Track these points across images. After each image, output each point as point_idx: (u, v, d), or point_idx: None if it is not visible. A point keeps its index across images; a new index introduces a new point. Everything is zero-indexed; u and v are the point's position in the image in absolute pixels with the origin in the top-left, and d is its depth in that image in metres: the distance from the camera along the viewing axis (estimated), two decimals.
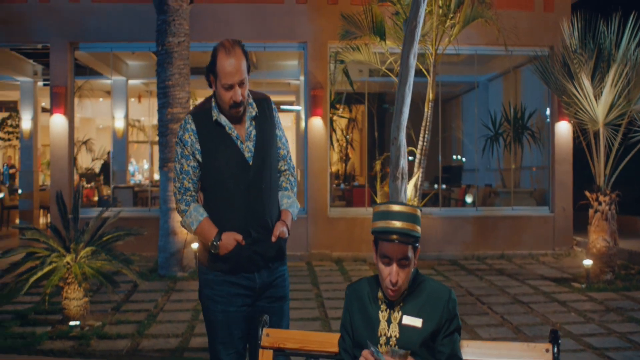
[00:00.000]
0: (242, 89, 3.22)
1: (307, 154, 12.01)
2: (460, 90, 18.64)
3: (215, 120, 3.27)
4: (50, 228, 7.41)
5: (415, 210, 2.58)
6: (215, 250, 3.20)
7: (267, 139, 3.37)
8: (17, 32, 12.02)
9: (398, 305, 2.61)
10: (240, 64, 3.21)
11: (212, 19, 11.77)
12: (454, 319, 2.58)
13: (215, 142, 3.27)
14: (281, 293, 3.41)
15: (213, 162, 3.26)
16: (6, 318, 7.37)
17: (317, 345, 2.72)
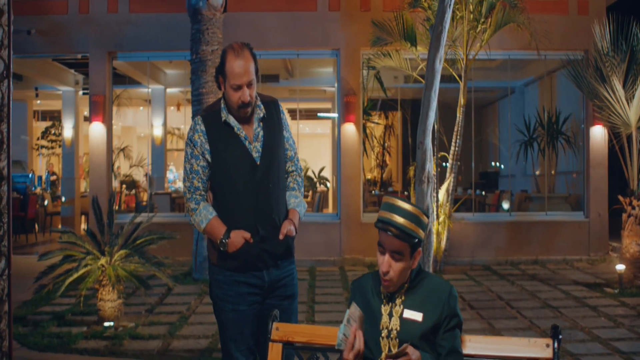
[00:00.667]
0: (250, 90, 3.33)
1: (340, 160, 12.10)
2: (497, 96, 18.54)
3: (224, 121, 3.38)
4: (87, 232, 7.65)
5: (420, 213, 2.63)
6: (224, 248, 3.30)
7: (275, 140, 3.47)
8: (58, 42, 12.39)
9: (400, 299, 2.68)
10: (248, 65, 3.31)
11: (246, 27, 11.95)
12: (454, 314, 2.64)
13: (224, 142, 3.38)
14: (290, 292, 3.50)
15: (222, 162, 3.37)
16: (44, 319, 7.62)
17: (325, 339, 2.80)
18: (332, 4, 12.05)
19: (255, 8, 12.05)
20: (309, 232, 11.93)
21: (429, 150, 6.58)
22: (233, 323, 3.35)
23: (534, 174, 14.95)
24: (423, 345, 2.58)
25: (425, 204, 6.54)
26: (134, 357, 6.22)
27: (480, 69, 14.84)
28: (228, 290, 3.37)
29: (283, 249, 3.42)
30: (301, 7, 12.07)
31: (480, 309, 8.04)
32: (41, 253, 7.23)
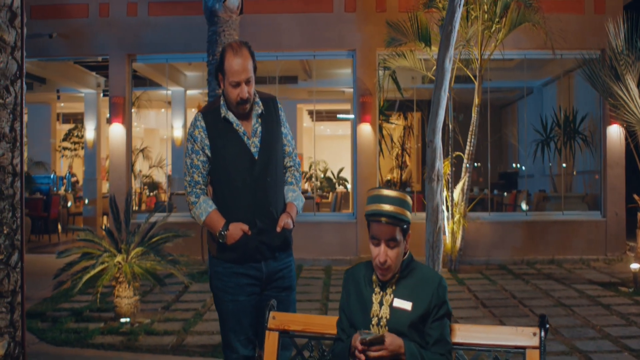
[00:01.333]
0: (249, 86, 3.44)
1: (356, 160, 12.18)
2: (516, 96, 18.50)
3: (224, 117, 3.50)
4: (104, 230, 7.82)
5: (405, 196, 2.73)
6: (223, 240, 3.40)
7: (273, 136, 3.59)
8: (79, 45, 12.62)
9: (390, 288, 2.76)
10: (246, 63, 3.42)
11: (263, 29, 12.08)
12: (443, 304, 2.71)
13: (223, 138, 3.49)
14: (288, 283, 3.60)
15: (221, 157, 3.48)
16: (63, 315, 7.79)
17: (320, 327, 2.89)
18: (348, 5, 12.14)
19: (272, 10, 12.18)
20: (326, 231, 12.04)
21: (438, 148, 6.63)
22: (232, 314, 3.45)
23: (551, 173, 14.90)
24: (412, 333, 2.65)
25: (435, 202, 6.60)
26: (149, 352, 6.35)
27: (499, 69, 14.84)
28: (227, 281, 3.47)
29: (280, 241, 3.52)
30: (317, 9, 12.17)
31: (493, 307, 8.07)
32: (59, 251, 7.40)
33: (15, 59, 3.75)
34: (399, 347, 2.59)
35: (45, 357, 6.19)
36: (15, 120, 3.74)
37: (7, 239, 3.65)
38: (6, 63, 3.67)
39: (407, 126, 20.81)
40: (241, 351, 3.44)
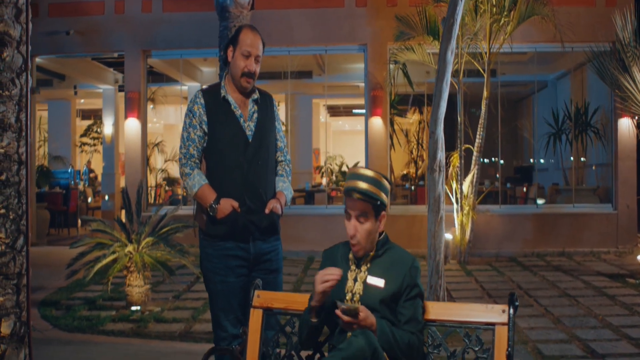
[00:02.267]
0: (256, 64, 3.68)
1: (367, 153, 12.30)
2: (530, 90, 18.46)
3: (223, 97, 3.69)
4: (116, 221, 8.02)
5: (380, 177, 2.87)
6: (213, 213, 3.55)
7: (267, 124, 3.77)
8: (95, 42, 12.87)
9: (365, 266, 2.89)
10: (259, 43, 3.71)
11: (274, 25, 12.23)
12: (414, 285, 2.82)
13: (220, 117, 3.67)
14: (275, 266, 3.76)
15: (217, 135, 3.65)
16: (77, 303, 8.02)
17: (300, 305, 3.02)
18: (358, 0, 12.25)
19: (284, 6, 12.32)
20: (337, 223, 12.10)
21: (440, 139, 6.74)
22: (222, 294, 3.60)
23: (563, 166, 14.89)
24: (383, 309, 2.78)
25: (436, 192, 6.71)
26: (157, 338, 6.54)
27: (513, 63, 14.87)
28: (217, 263, 3.62)
29: (268, 223, 3.66)
30: (328, 4, 12.30)
31: (497, 297, 8.17)
32: (73, 241, 7.62)
33: (21, 53, 3.91)
34: (371, 324, 2.71)
35: (57, 342, 6.40)
36: (21, 111, 3.91)
37: (13, 223, 3.82)
38: (12, 57, 3.83)
39: (422, 120, 20.88)
40: (230, 330, 3.60)
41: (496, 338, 2.73)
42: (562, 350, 5.91)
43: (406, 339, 2.74)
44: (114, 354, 5.96)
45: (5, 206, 3.79)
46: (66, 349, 6.18)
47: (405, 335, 2.75)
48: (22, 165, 3.93)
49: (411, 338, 2.75)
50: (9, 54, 3.83)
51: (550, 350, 5.90)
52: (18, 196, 3.89)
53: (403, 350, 2.73)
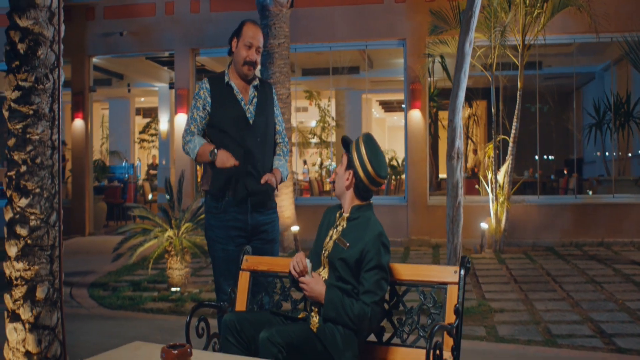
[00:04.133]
0: (257, 54, 4.13)
1: (407, 145, 12.58)
2: (579, 82, 18.31)
3: (227, 83, 4.14)
4: (159, 208, 8.59)
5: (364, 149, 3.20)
6: (213, 158, 3.96)
7: (266, 109, 4.22)
8: (147, 42, 13.55)
9: (341, 226, 3.23)
10: (260, 36, 4.17)
11: (315, 22, 12.64)
12: (374, 256, 3.07)
13: (223, 100, 4.12)
14: (271, 236, 4.19)
15: (220, 115, 4.09)
16: (123, 285, 8.62)
17: (282, 267, 3.41)
18: None
19: (324, 3, 12.71)
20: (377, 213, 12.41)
21: (458, 127, 7.01)
22: (223, 261, 4.03)
23: (604, 157, 14.81)
24: (343, 268, 3.09)
25: (455, 178, 6.99)
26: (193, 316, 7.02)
27: (559, 55, 14.86)
28: (219, 233, 4.06)
29: (263, 194, 4.08)
30: (368, 0, 12.61)
31: (523, 282, 8.37)
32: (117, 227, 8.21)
33: (54, 51, 4.41)
34: (319, 292, 3.04)
35: (101, 318, 6.97)
36: (54, 102, 4.41)
37: (47, 201, 4.33)
38: (46, 54, 4.34)
39: (472, 114, 20.95)
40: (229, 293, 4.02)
41: (448, 296, 3.04)
42: (571, 330, 6.12)
43: (356, 309, 2.99)
44: (150, 328, 6.47)
45: (40, 186, 4.31)
46: (108, 323, 6.74)
47: (356, 305, 3.00)
48: (55, 150, 4.43)
49: (364, 308, 2.99)
50: (43, 52, 4.34)
51: (559, 330, 6.13)
52: (51, 177, 4.41)
53: (353, 321, 2.99)
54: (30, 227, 4.26)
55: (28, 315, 4.25)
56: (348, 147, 3.26)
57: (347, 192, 3.25)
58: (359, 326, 3.03)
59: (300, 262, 3.09)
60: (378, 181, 3.20)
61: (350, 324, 3.00)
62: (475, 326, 6.30)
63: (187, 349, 2.33)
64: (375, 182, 3.19)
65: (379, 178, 3.19)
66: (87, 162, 14.22)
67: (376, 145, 3.21)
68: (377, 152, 3.19)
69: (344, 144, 3.31)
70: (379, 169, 3.17)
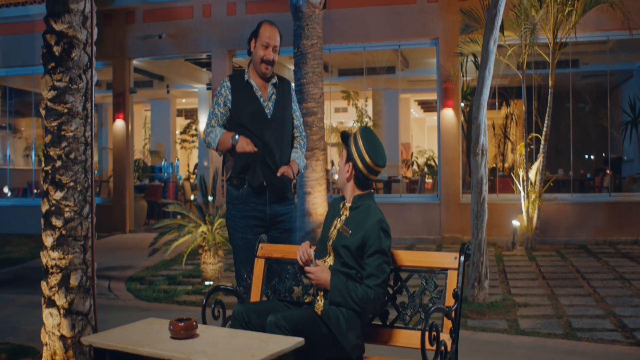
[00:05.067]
0: (274, 54, 4.37)
1: (439, 143, 12.67)
2: (617, 79, 18.11)
3: (247, 81, 4.39)
4: (195, 205, 8.89)
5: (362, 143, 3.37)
6: (234, 143, 4.20)
7: (284, 104, 4.48)
8: (185, 44, 13.92)
9: (344, 215, 3.43)
10: (277, 35, 4.42)
11: (349, 22, 12.82)
12: (375, 242, 3.25)
13: (244, 97, 4.37)
14: (289, 226, 4.43)
15: (240, 111, 4.33)
16: (159, 279, 8.93)
17: (295, 255, 3.60)
18: None
19: (357, 4, 12.88)
20: (410, 211, 12.64)
21: (482, 124, 7.11)
22: (242, 249, 4.26)
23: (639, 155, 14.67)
24: (346, 254, 3.28)
25: (479, 175, 7.09)
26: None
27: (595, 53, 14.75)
28: (239, 222, 4.30)
29: (280, 183, 4.30)
30: (401, 1, 12.74)
31: (551, 279, 8.41)
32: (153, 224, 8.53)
33: (87, 53, 4.69)
34: (325, 280, 3.25)
35: (136, 309, 7.26)
36: (87, 101, 4.69)
37: (80, 194, 4.61)
38: (79, 56, 4.62)
39: (510, 114, 20.85)
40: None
41: (448, 280, 3.20)
42: (592, 324, 6.19)
43: (360, 292, 3.19)
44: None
45: (74, 180, 4.59)
46: (142, 314, 6.99)
47: (360, 289, 3.20)
48: (88, 146, 4.71)
49: (367, 291, 3.19)
50: (77, 54, 4.62)
51: (580, 324, 6.20)
52: (84, 172, 4.68)
53: (357, 303, 3.18)
54: (65, 218, 4.55)
55: (62, 301, 4.54)
56: (347, 141, 3.45)
57: (348, 183, 3.44)
58: (364, 308, 3.21)
59: (305, 252, 3.31)
60: (376, 170, 3.38)
61: (355, 306, 3.19)
62: (497, 320, 6.40)
63: (193, 322, 2.55)
64: (374, 171, 3.37)
65: (377, 167, 3.36)
66: (128, 162, 14.64)
67: (373, 137, 3.39)
68: (374, 143, 3.36)
69: (343, 138, 3.50)
70: (377, 159, 3.35)
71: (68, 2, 4.54)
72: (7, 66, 15.26)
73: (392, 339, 3.31)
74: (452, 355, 3.08)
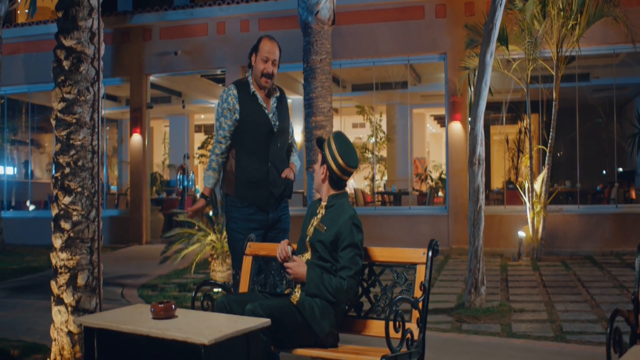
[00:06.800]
0: (274, 67, 4.56)
1: (447, 156, 12.90)
2: (630, 93, 18.21)
3: (253, 93, 4.58)
4: (205, 216, 9.19)
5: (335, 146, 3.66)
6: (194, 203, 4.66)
7: (285, 116, 4.74)
8: (200, 60, 14.33)
9: (320, 214, 3.71)
10: (276, 50, 4.61)
11: (359, 38, 13.14)
12: (347, 235, 3.53)
13: (250, 108, 4.56)
14: (284, 226, 4.68)
15: (247, 123, 4.53)
16: (170, 287, 9.23)
17: None
18: (438, 12, 12.92)
19: (367, 20, 13.20)
20: (419, 223, 12.86)
21: (479, 135, 7.34)
22: (242, 250, 4.49)
23: None
24: (322, 250, 3.56)
25: (476, 184, 7.31)
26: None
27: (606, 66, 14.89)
28: (240, 224, 4.51)
29: (283, 189, 4.59)
30: (409, 17, 13.04)
31: (551, 287, 8.58)
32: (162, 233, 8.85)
33: (94, 67, 5.03)
34: (302, 274, 3.52)
35: None
36: (94, 112, 5.02)
37: (87, 199, 4.93)
38: (87, 70, 4.95)
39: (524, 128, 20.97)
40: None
41: (417, 274, 3.46)
42: (583, 328, 6.36)
43: (334, 283, 3.47)
44: None
45: (81, 185, 4.91)
46: None
47: (334, 280, 3.49)
48: (95, 154, 5.04)
49: (341, 283, 3.48)
50: (84, 68, 4.96)
51: (571, 328, 6.37)
52: (92, 178, 5.00)
53: (331, 293, 3.47)
54: (73, 221, 4.87)
55: (70, 299, 4.85)
56: (322, 145, 3.72)
57: (323, 184, 3.72)
58: (338, 298, 3.47)
59: (283, 250, 3.60)
60: (348, 171, 3.66)
61: (330, 296, 3.46)
62: (492, 324, 6.60)
63: (172, 304, 2.84)
64: (346, 172, 3.65)
65: (349, 168, 3.64)
66: (145, 175, 15.04)
67: (346, 141, 3.67)
68: (346, 146, 3.64)
69: (318, 143, 3.79)
70: (349, 160, 3.63)
71: (77, 20, 4.88)
72: (30, 83, 15.78)
73: (366, 329, 3.57)
74: (419, 343, 3.32)
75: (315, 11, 11.04)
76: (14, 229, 15.06)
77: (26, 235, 15.06)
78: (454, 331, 6.36)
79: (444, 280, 9.41)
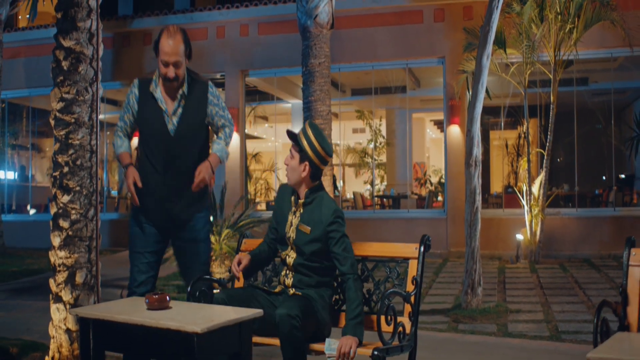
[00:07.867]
0: (177, 69, 4.00)
1: (446, 159, 12.95)
2: (630, 97, 18.25)
3: (151, 93, 4.11)
4: None
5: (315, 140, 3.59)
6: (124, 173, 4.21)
7: (193, 117, 4.11)
8: (200, 64, 14.33)
9: (299, 211, 3.66)
10: (177, 47, 3.99)
11: (357, 42, 13.22)
12: (337, 228, 3.53)
13: (147, 111, 4.13)
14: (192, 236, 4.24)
15: (143, 126, 4.19)
16: (170, 288, 9.27)
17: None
18: (437, 16, 13.00)
19: (366, 24, 13.29)
20: (418, 226, 12.89)
21: (475, 137, 7.40)
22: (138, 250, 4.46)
23: None
24: (312, 247, 3.56)
25: (472, 185, 7.36)
26: None
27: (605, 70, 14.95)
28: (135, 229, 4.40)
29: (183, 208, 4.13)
30: (408, 21, 13.12)
31: (548, 288, 8.62)
32: None
33: (93, 67, 5.08)
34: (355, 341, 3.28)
35: None
36: (93, 112, 5.07)
37: (86, 198, 4.97)
38: (86, 70, 5.01)
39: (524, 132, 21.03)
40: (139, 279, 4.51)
41: (409, 269, 3.51)
42: (579, 328, 6.41)
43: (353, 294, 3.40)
44: None
45: (80, 184, 4.96)
46: None
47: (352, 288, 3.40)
48: (93, 154, 5.08)
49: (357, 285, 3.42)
50: (83, 68, 5.02)
51: (567, 327, 6.43)
52: (90, 177, 5.05)
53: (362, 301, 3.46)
54: (71, 220, 4.92)
55: (68, 297, 4.89)
56: (296, 139, 3.61)
57: (303, 181, 3.62)
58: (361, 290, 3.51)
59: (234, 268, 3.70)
60: (328, 160, 3.63)
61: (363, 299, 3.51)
62: (488, 324, 6.64)
63: (166, 296, 2.89)
64: (326, 161, 3.62)
65: (328, 157, 3.62)
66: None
67: (320, 130, 3.67)
68: (322, 135, 3.63)
69: (290, 136, 3.62)
70: (328, 149, 3.62)
71: (76, 21, 4.94)
72: (31, 87, 15.85)
73: None
74: (410, 336, 3.36)
75: (314, 15, 11.09)
76: (15, 232, 15.11)
77: (26, 238, 15.11)
78: (450, 331, 6.41)
79: (441, 282, 9.46)
